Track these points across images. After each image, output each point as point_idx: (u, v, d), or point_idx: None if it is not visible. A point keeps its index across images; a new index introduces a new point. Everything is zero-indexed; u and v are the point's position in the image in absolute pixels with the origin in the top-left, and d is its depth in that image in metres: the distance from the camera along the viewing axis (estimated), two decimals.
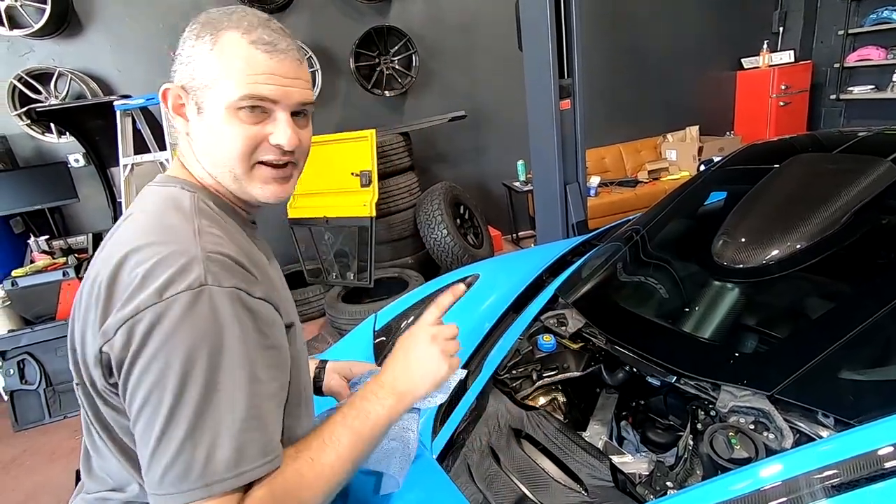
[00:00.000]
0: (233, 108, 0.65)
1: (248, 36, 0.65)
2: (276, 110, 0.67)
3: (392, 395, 0.72)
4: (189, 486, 0.53)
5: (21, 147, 3.63)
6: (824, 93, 5.11)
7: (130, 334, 0.55)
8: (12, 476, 2.52)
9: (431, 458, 1.08)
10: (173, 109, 0.69)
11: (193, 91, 0.66)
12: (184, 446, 0.53)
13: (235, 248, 0.63)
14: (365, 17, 4.05)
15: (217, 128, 0.66)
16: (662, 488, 0.91)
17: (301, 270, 3.66)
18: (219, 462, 0.54)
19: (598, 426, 1.19)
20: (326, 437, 0.66)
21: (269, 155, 0.69)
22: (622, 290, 1.46)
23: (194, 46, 0.66)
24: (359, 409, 0.70)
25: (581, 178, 2.96)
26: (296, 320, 0.72)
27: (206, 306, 0.55)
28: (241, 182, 0.69)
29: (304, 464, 0.62)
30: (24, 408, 2.92)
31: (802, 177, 1.43)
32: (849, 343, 0.93)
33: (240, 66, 0.64)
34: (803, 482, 0.73)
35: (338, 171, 3.33)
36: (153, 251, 0.58)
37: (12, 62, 3.45)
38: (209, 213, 0.67)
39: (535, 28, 2.65)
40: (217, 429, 0.54)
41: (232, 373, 0.56)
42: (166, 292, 0.55)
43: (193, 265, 0.57)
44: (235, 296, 0.58)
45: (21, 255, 3.46)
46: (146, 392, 0.55)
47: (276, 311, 0.64)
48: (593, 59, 4.37)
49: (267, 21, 0.68)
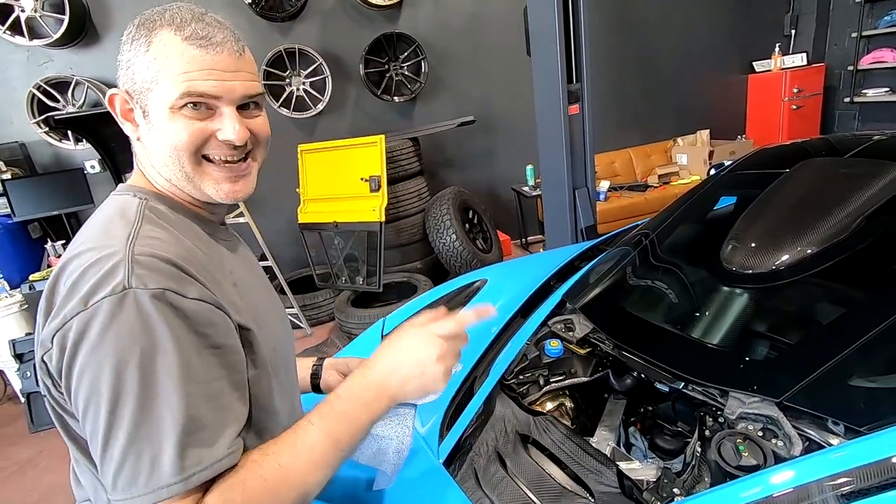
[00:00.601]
0: (175, 108, 0.63)
1: (181, 32, 0.63)
2: (220, 105, 0.65)
3: (379, 399, 0.67)
4: (138, 492, 0.53)
5: (39, 154, 3.72)
6: (838, 96, 5.04)
7: (63, 344, 0.55)
8: (28, 476, 2.57)
9: (438, 462, 1.08)
10: (122, 115, 0.67)
11: (137, 95, 0.65)
12: (127, 454, 0.53)
13: (178, 252, 0.61)
14: (375, 23, 4.09)
15: (162, 129, 0.64)
16: (669, 495, 0.90)
17: (311, 275, 3.69)
18: (164, 467, 0.53)
19: (605, 432, 1.18)
20: (300, 441, 0.61)
21: (220, 151, 0.67)
22: (630, 295, 1.46)
23: (131, 49, 0.64)
24: (340, 413, 0.65)
25: (590, 183, 2.95)
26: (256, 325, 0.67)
27: (131, 310, 0.54)
28: (193, 181, 0.68)
29: (269, 469, 0.58)
30: (39, 410, 2.96)
31: (813, 181, 1.42)
32: (859, 350, 0.92)
33: (175, 65, 0.62)
34: (814, 489, 0.73)
35: (347, 177, 3.36)
36: (85, 258, 0.58)
37: (32, 71, 3.54)
38: (154, 219, 0.65)
39: (544, 34, 2.66)
40: (157, 435, 0.53)
41: (166, 376, 0.54)
42: (91, 299, 0.54)
43: (118, 269, 0.56)
44: (163, 297, 0.56)
45: (38, 259, 3.53)
46: (85, 401, 0.55)
47: (220, 310, 0.61)
48: (603, 64, 4.37)
49: (202, 15, 0.65)
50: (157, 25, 0.63)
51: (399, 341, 0.71)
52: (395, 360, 0.69)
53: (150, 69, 0.63)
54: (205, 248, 0.68)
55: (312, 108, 4.04)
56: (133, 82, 0.64)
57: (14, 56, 3.50)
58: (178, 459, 0.53)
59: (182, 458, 0.53)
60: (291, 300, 3.54)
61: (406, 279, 3.62)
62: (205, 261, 0.65)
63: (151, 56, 0.63)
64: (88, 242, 0.61)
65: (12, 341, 2.95)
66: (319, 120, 4.16)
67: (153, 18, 0.64)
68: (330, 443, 0.63)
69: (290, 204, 3.75)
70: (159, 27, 0.63)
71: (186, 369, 0.56)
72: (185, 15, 0.64)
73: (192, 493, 0.54)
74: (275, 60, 3.86)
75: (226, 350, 0.61)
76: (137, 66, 0.63)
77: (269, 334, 0.71)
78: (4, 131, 3.61)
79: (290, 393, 0.79)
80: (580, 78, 2.75)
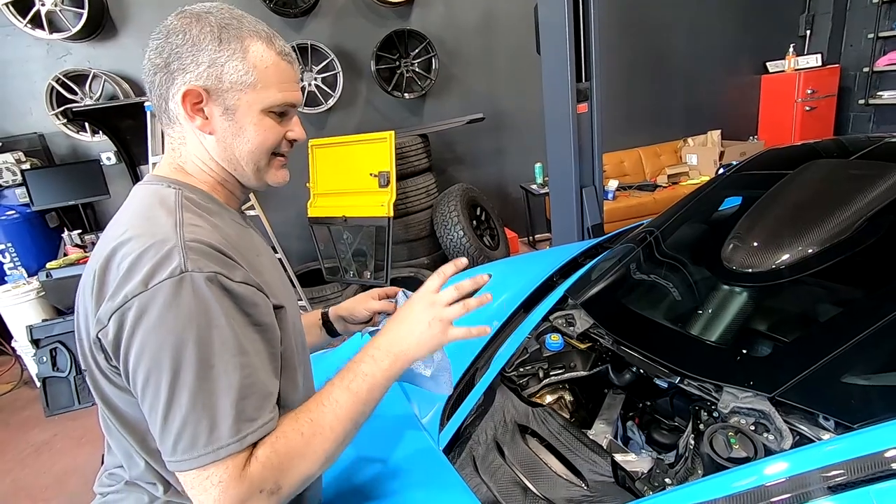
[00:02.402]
0: (266, 110, 0.73)
1: (272, 47, 0.73)
2: (292, 111, 0.78)
3: (388, 356, 0.76)
4: (199, 453, 0.60)
5: (57, 145, 3.80)
6: (853, 97, 4.98)
7: (122, 322, 0.61)
8: (44, 458, 2.65)
9: (438, 449, 1.12)
10: (190, 109, 0.72)
11: (221, 93, 0.71)
12: (188, 419, 0.60)
13: (219, 238, 0.68)
14: (386, 20, 4.12)
15: (249, 127, 0.73)
16: (661, 484, 0.93)
17: (320, 268, 3.73)
18: (222, 430, 0.60)
19: (603, 425, 1.21)
20: (325, 399, 0.71)
21: (285, 147, 0.79)
22: (630, 292, 1.48)
23: (219, 51, 0.69)
24: (356, 373, 0.74)
25: (597, 182, 2.96)
26: (286, 303, 0.76)
27: (188, 291, 0.60)
28: (261, 172, 0.78)
29: (303, 424, 0.67)
30: (55, 394, 3.05)
31: (816, 182, 1.42)
32: (852, 348, 0.93)
33: (275, 75, 0.72)
34: (804, 481, 0.74)
35: (357, 172, 3.40)
36: (138, 243, 0.63)
37: (50, 64, 3.62)
38: (192, 208, 0.71)
39: (553, 32, 2.67)
40: (215, 400, 0.60)
41: (221, 348, 0.61)
42: (151, 281, 0.60)
43: (174, 254, 0.62)
44: (215, 280, 0.62)
45: (55, 248, 3.61)
46: (146, 373, 0.61)
47: (261, 292, 0.69)
48: (614, 63, 4.36)
49: (271, 29, 0.76)
50: (246, 35, 0.71)
51: (404, 311, 0.81)
52: (399, 326, 0.79)
53: (249, 74, 0.71)
54: (238, 233, 0.76)
55: (323, 103, 4.08)
56: (219, 81, 0.70)
57: (34, 49, 3.58)
58: (234, 423, 0.61)
59: (237, 421, 0.61)
60: (300, 293, 3.60)
61: (413, 274, 3.66)
62: (240, 246, 0.72)
63: (250, 63, 0.71)
64: (134, 229, 0.66)
65: (29, 327, 3.03)
66: (330, 115, 4.21)
67: (235, 26, 0.71)
68: (352, 398, 0.71)
69: (300, 198, 3.80)
70: (249, 37, 0.71)
71: (238, 343, 0.63)
72: (265, 29, 0.74)
73: (244, 451, 0.62)
74: None
75: (266, 328, 0.69)
76: (230, 68, 0.70)
77: (292, 311, 0.79)
78: (24, 123, 3.70)
79: (306, 366, 0.86)
80: (589, 76, 2.76)
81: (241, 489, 0.60)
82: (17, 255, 3.50)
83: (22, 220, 3.53)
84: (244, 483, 0.61)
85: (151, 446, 0.69)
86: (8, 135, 3.65)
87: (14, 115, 3.68)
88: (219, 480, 0.60)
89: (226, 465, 0.60)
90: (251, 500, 0.61)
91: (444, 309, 0.78)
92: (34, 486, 2.44)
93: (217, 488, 0.60)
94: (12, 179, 3.46)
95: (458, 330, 0.78)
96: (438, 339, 0.77)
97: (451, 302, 0.78)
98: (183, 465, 0.60)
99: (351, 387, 0.72)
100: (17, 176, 3.45)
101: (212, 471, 0.60)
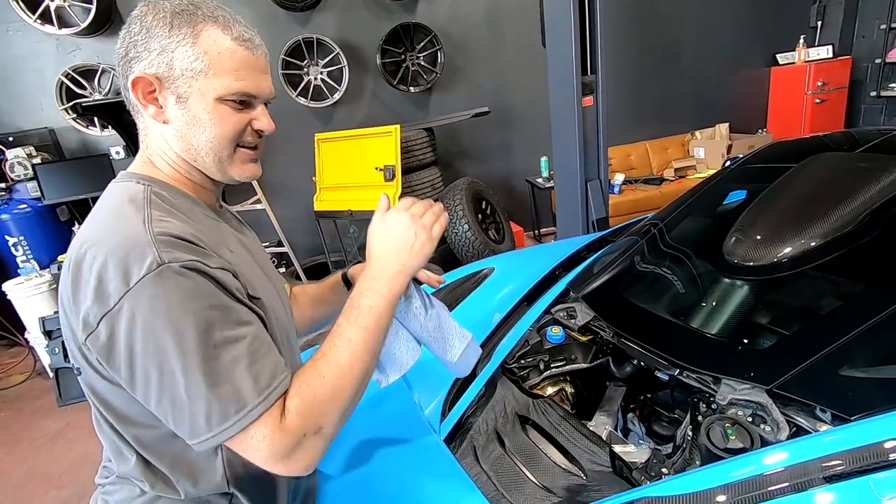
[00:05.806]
0: (221, 98, 0.70)
1: (228, 32, 0.70)
2: (255, 102, 0.74)
3: (385, 281, 0.76)
4: (233, 421, 0.62)
5: (67, 139, 3.85)
6: (864, 90, 4.92)
7: (113, 324, 0.61)
8: (58, 447, 2.71)
9: (439, 439, 1.14)
10: (143, 97, 0.71)
11: (171, 81, 0.69)
12: (211, 397, 0.61)
13: (190, 231, 0.67)
14: (392, 14, 4.11)
15: (203, 116, 0.71)
16: (658, 474, 0.94)
17: (326, 262, 3.77)
18: (245, 394, 0.63)
19: (603, 417, 1.22)
20: (337, 340, 0.72)
21: (250, 138, 0.76)
22: (631, 285, 1.48)
23: (169, 37, 0.67)
24: (360, 308, 0.74)
25: (603, 175, 2.96)
26: (263, 296, 0.75)
27: (171, 281, 0.61)
28: (223, 164, 0.75)
29: (323, 367, 0.70)
30: (67, 384, 3.11)
31: (820, 176, 1.42)
32: (850, 341, 0.94)
33: (228, 62, 0.69)
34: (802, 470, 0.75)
35: (362, 166, 3.41)
36: (109, 243, 0.63)
37: (60, 59, 3.66)
38: (160, 203, 0.70)
39: (559, 24, 2.66)
40: (230, 371, 0.63)
41: (221, 324, 0.63)
42: (132, 279, 0.60)
43: (147, 249, 0.61)
44: (195, 266, 0.63)
45: (66, 241, 3.67)
46: (156, 366, 0.61)
47: (237, 278, 0.69)
48: (621, 56, 4.33)
49: (235, 15, 0.72)
50: (200, 20, 0.69)
51: (379, 232, 0.81)
52: (383, 245, 0.79)
53: (199, 61, 0.68)
54: (210, 228, 0.75)
55: (329, 97, 4.10)
56: (170, 68, 0.68)
57: (44, 44, 3.62)
58: (255, 384, 0.63)
59: (257, 381, 0.64)
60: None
61: None
62: (211, 240, 0.71)
63: (200, 49, 0.68)
64: (104, 229, 0.66)
65: (42, 319, 3.09)
66: (336, 109, 4.22)
67: (190, 11, 0.69)
68: (363, 333, 0.73)
69: (306, 192, 3.83)
70: (202, 22, 0.69)
71: (235, 316, 0.65)
72: (223, 14, 0.71)
73: (275, 406, 0.65)
74: (293, 50, 3.92)
75: (252, 304, 0.71)
76: (179, 54, 0.68)
77: (274, 306, 0.79)
78: (35, 117, 3.75)
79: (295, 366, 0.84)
80: (595, 70, 2.75)
81: (285, 439, 0.64)
82: (30, 248, 3.56)
83: (33, 214, 3.59)
84: (286, 433, 0.64)
85: (145, 440, 0.70)
86: (19, 130, 3.70)
87: (25, 111, 3.74)
88: (262, 437, 0.63)
89: (263, 422, 0.63)
90: (299, 445, 0.65)
91: (421, 218, 0.80)
92: (49, 474, 2.50)
93: (264, 443, 0.63)
94: (24, 174, 3.52)
95: (436, 228, 0.81)
96: (430, 245, 0.80)
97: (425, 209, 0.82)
98: (223, 434, 0.63)
99: (359, 322, 0.73)
100: (29, 170, 3.50)
101: (253, 431, 0.63)
